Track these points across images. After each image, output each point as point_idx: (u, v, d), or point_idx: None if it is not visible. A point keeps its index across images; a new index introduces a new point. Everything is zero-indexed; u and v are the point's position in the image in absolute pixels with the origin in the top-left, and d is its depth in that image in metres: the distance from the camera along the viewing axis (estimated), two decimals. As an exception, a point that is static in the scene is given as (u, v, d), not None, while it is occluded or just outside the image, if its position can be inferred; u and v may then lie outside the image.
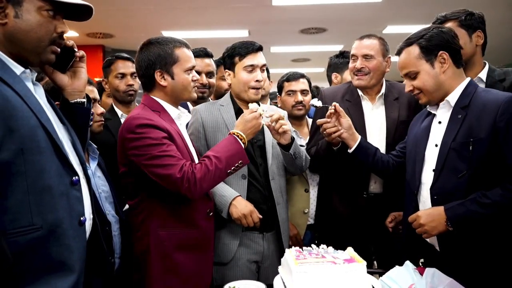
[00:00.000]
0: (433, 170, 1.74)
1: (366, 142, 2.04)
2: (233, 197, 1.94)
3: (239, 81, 2.05)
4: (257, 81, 2.02)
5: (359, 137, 2.01)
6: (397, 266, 1.56)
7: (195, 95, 1.82)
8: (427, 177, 1.78)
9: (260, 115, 1.80)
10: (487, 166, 1.62)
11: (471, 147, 1.63)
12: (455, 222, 1.62)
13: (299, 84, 2.67)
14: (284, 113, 2.24)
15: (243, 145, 1.73)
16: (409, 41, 1.78)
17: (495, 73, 2.06)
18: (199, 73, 2.37)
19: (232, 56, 2.07)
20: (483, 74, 2.07)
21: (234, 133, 1.75)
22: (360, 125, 2.23)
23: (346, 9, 5.98)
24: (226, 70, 2.11)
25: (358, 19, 6.27)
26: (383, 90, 2.30)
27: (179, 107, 1.86)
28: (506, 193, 1.57)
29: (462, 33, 2.05)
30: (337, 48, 7.83)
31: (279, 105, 2.91)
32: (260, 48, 2.07)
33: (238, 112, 2.09)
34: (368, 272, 1.59)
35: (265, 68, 2.10)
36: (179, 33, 6.67)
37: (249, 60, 2.03)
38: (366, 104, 2.31)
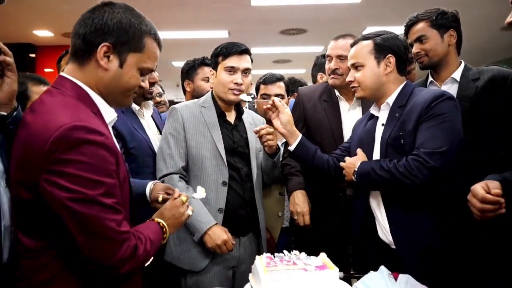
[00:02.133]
0: None
1: (307, 141, 2.00)
2: (209, 226, 1.87)
3: (219, 82, 2.02)
4: (235, 83, 1.98)
5: (299, 135, 1.97)
6: (371, 271, 1.52)
7: (130, 103, 1.35)
8: None
9: (183, 203, 1.44)
10: None
11: (402, 140, 1.71)
12: (359, 175, 1.77)
13: (274, 88, 2.61)
14: (263, 120, 2.24)
15: (163, 239, 1.35)
16: (367, 36, 1.85)
17: (469, 73, 2.06)
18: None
19: (216, 56, 2.04)
20: (457, 74, 2.06)
21: (159, 223, 1.36)
22: (337, 125, 2.22)
23: (326, 10, 5.98)
24: (211, 69, 2.08)
25: (338, 20, 6.28)
26: None
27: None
28: (398, 164, 1.66)
29: (433, 33, 2.05)
30: (318, 49, 7.86)
31: (255, 106, 2.86)
32: (245, 51, 2.01)
33: (220, 115, 2.05)
34: (345, 277, 1.56)
35: (248, 73, 2.04)
36: (158, 33, 6.56)
37: (231, 61, 1.99)
38: (343, 104, 2.29)
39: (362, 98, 1.91)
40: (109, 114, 1.24)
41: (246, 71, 2.02)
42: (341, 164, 1.87)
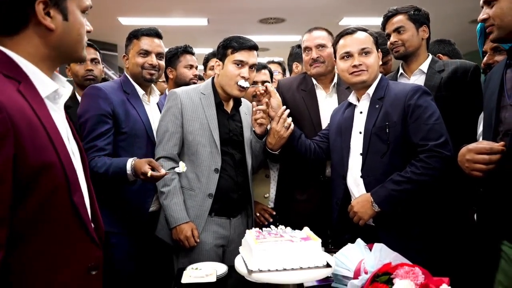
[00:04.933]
0: (361, 154, 1.93)
1: (294, 126, 2.16)
2: (178, 224, 2.00)
3: (225, 74, 2.07)
4: (242, 77, 2.04)
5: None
6: (349, 244, 1.67)
7: (85, 54, 1.12)
8: (355, 161, 1.97)
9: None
10: (402, 144, 1.85)
11: (387, 130, 1.85)
12: (380, 203, 1.83)
13: (260, 76, 2.70)
14: (249, 105, 2.32)
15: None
16: (364, 29, 1.99)
17: (436, 65, 2.25)
18: (148, 53, 2.20)
19: (225, 47, 2.08)
20: (424, 66, 2.27)
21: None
22: (314, 111, 2.37)
23: (304, 0, 6.09)
24: (217, 60, 2.12)
25: (316, 10, 6.41)
26: (335, 80, 2.42)
27: (58, 75, 1.11)
28: (413, 168, 1.80)
29: (411, 26, 2.24)
30: (296, 38, 7.96)
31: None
32: (254, 47, 2.09)
33: (219, 105, 2.12)
34: (325, 251, 1.70)
35: (255, 68, 2.13)
36: (136, 19, 6.53)
37: (241, 55, 2.04)
38: (320, 92, 2.44)
39: (364, 82, 1.95)
40: (47, 86, 1.01)
41: (253, 66, 2.09)
42: (352, 210, 1.90)
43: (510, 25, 1.45)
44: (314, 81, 2.43)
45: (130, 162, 1.88)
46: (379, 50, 2.01)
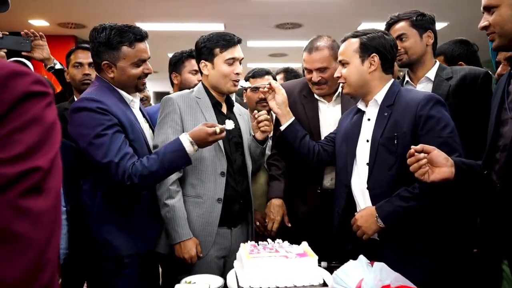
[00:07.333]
0: (367, 164, 1.83)
1: (298, 125, 2.10)
2: (182, 240, 1.90)
3: (219, 73, 2.02)
4: (236, 73, 2.02)
5: (292, 118, 2.09)
6: (351, 260, 1.59)
7: None
8: (360, 170, 1.87)
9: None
10: None
11: (395, 141, 1.75)
12: (385, 218, 1.73)
13: (263, 81, 2.64)
14: (246, 111, 2.28)
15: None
16: (355, 34, 1.88)
17: (443, 72, 2.14)
18: (145, 61, 1.94)
19: (211, 47, 2.01)
20: (431, 74, 2.15)
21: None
22: (314, 121, 2.27)
23: (321, 5, 6.03)
24: (203, 61, 2.04)
25: (333, 15, 6.34)
26: (340, 89, 2.29)
27: None
28: (422, 184, 1.65)
29: (413, 32, 2.13)
30: (313, 43, 7.92)
31: (245, 100, 2.91)
32: (239, 41, 2.06)
33: (215, 105, 2.08)
34: (328, 267, 1.63)
35: (241, 62, 2.09)
36: (154, 24, 6.60)
37: (231, 53, 2.00)
38: (322, 101, 2.32)
39: (348, 95, 1.96)
40: None
41: (241, 60, 2.07)
42: (355, 224, 1.81)
43: (511, 33, 1.38)
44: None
45: (186, 140, 1.80)
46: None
